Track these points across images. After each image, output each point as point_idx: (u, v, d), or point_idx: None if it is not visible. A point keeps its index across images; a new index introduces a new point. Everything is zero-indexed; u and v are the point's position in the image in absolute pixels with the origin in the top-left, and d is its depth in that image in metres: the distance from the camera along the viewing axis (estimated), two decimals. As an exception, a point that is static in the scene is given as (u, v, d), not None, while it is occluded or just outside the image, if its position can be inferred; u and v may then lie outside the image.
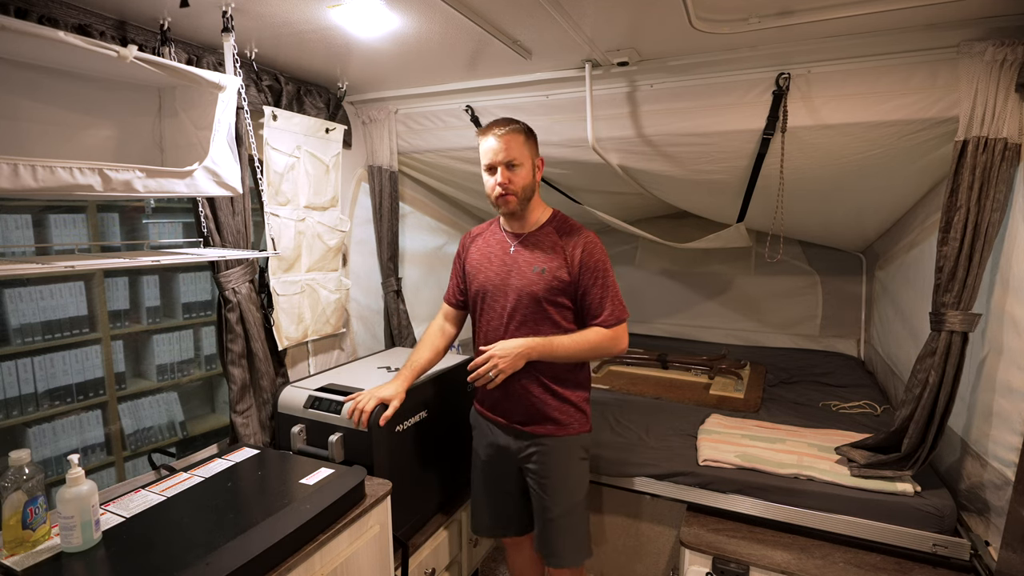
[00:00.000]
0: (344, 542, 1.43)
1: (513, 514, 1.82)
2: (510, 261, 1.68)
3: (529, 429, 1.69)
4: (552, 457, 1.68)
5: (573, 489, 1.70)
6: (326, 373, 2.08)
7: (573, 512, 1.70)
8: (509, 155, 1.58)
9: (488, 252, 1.74)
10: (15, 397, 2.04)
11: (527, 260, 1.66)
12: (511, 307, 1.65)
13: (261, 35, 1.71)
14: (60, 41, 1.16)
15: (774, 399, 2.72)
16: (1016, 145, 1.54)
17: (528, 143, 1.63)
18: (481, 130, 1.65)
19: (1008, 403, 1.54)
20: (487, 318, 1.72)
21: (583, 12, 1.53)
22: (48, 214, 2.08)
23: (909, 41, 1.62)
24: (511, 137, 1.58)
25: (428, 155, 2.57)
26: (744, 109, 1.88)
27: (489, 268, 1.71)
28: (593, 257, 1.62)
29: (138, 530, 1.26)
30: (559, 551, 1.70)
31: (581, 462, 1.72)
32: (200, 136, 1.56)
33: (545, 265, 1.63)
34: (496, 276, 1.69)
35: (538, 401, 1.67)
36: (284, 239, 2.01)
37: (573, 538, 1.70)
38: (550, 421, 1.67)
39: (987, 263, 1.59)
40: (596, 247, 1.64)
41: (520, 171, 1.60)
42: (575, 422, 1.69)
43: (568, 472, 1.70)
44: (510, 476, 1.77)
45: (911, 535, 1.69)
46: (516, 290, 1.64)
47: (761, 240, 3.26)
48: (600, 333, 1.62)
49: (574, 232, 1.66)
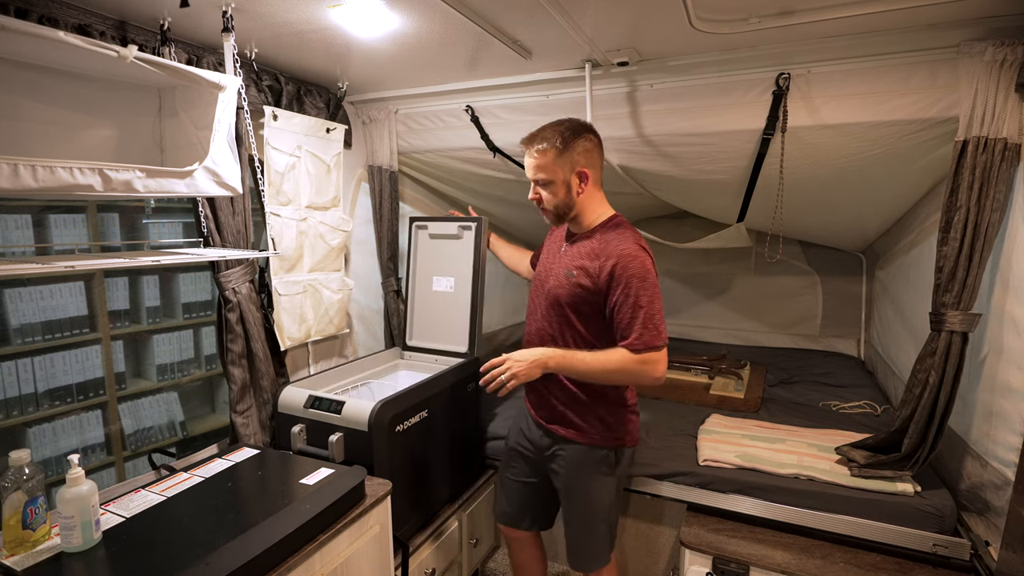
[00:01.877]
0: (344, 542, 1.43)
1: (530, 507, 1.85)
2: (558, 259, 1.70)
3: (552, 428, 1.70)
4: (567, 462, 1.69)
5: (586, 499, 1.69)
6: (326, 373, 2.09)
7: (586, 521, 1.70)
8: (538, 174, 1.60)
9: (551, 244, 1.79)
10: (15, 397, 2.04)
11: (567, 262, 1.65)
12: (542, 304, 1.69)
13: (261, 35, 1.71)
14: (60, 41, 1.16)
15: (774, 399, 2.72)
16: (1016, 145, 1.53)
17: (561, 158, 1.56)
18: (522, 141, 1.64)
19: (1008, 403, 1.54)
20: (530, 309, 1.77)
21: (583, 12, 1.53)
22: (48, 214, 2.08)
23: (909, 41, 1.62)
24: (541, 156, 1.58)
25: (428, 155, 2.57)
26: (744, 109, 1.88)
27: (546, 260, 1.76)
28: (627, 272, 1.49)
29: (138, 530, 1.26)
30: (575, 553, 1.74)
31: (602, 476, 1.67)
32: (200, 136, 1.56)
33: (576, 271, 1.60)
34: (544, 271, 1.73)
35: (559, 404, 1.67)
36: (286, 239, 2.01)
37: (588, 545, 1.71)
38: (571, 427, 1.67)
39: (987, 263, 1.58)
40: (633, 261, 1.50)
41: (551, 188, 1.60)
42: (597, 434, 1.65)
43: (582, 481, 1.68)
44: (534, 469, 1.80)
45: (911, 535, 1.69)
46: (548, 290, 1.67)
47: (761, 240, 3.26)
48: (625, 356, 1.49)
49: (612, 242, 1.56)
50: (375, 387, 2.17)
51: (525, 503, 1.86)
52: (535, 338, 1.71)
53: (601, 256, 1.55)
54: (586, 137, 1.58)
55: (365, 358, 2.32)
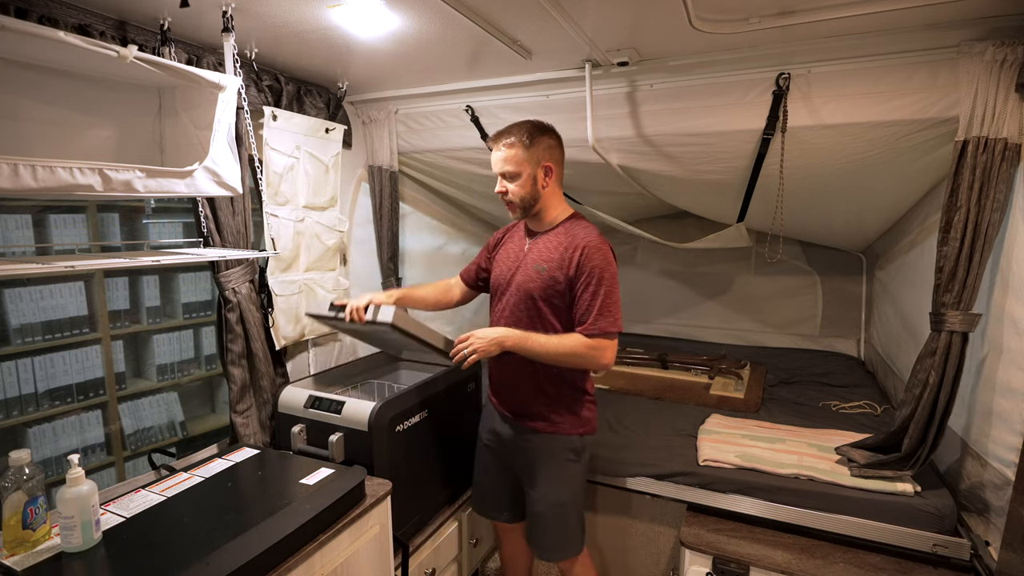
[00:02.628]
0: (344, 542, 1.43)
1: (507, 500, 1.89)
2: (522, 257, 1.74)
3: (519, 420, 1.75)
4: (537, 452, 1.73)
5: (557, 488, 1.73)
6: (326, 373, 2.09)
7: (555, 510, 1.74)
8: (505, 167, 1.66)
9: (510, 247, 1.83)
10: (15, 397, 2.04)
11: (534, 258, 1.70)
12: (511, 301, 1.72)
13: (261, 35, 1.71)
14: (60, 41, 1.16)
15: (774, 399, 2.72)
16: (1016, 145, 1.53)
17: (528, 153, 1.64)
18: (489, 139, 1.73)
19: (1008, 403, 1.54)
20: (495, 310, 1.80)
21: (583, 12, 1.53)
22: (48, 214, 2.08)
23: (909, 41, 1.62)
24: (509, 149, 1.65)
25: (428, 155, 2.57)
26: (744, 109, 1.88)
27: (505, 262, 1.79)
28: (591, 261, 1.60)
29: (138, 530, 1.26)
30: (542, 544, 1.77)
31: (569, 463, 1.73)
32: (200, 136, 1.56)
33: (546, 264, 1.66)
34: (508, 270, 1.76)
35: (528, 396, 1.73)
36: (282, 239, 2.01)
37: (555, 534, 1.74)
38: (538, 417, 1.72)
39: (987, 263, 1.59)
40: (597, 252, 1.61)
41: (517, 181, 1.66)
42: (565, 423, 1.72)
43: (553, 471, 1.73)
44: (506, 463, 1.84)
45: (911, 535, 1.69)
46: (517, 285, 1.71)
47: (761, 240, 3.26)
48: (579, 340, 1.59)
49: (579, 235, 1.66)
50: (375, 387, 2.17)
51: (500, 495, 1.90)
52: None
53: (569, 248, 1.64)
54: (550, 135, 1.69)
55: (365, 358, 2.32)
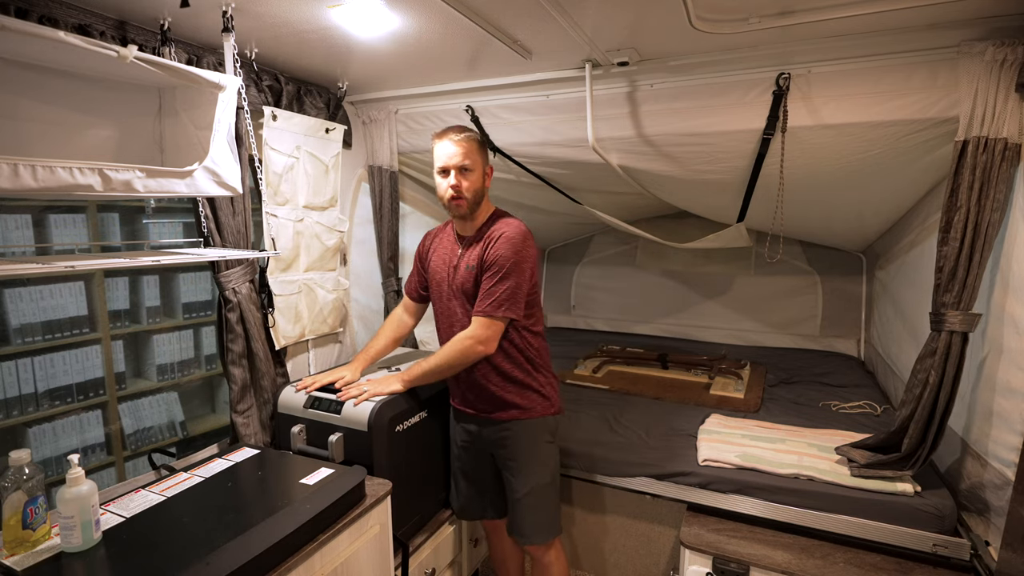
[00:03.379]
0: (344, 542, 1.43)
1: (489, 498, 1.93)
2: (457, 263, 1.79)
3: (495, 416, 1.78)
4: (518, 440, 1.77)
5: (538, 471, 1.78)
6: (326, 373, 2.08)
7: (539, 493, 1.78)
8: (464, 160, 1.67)
9: (443, 254, 1.85)
10: (15, 397, 2.04)
11: (464, 260, 1.76)
12: (454, 305, 1.79)
13: (261, 35, 1.71)
14: (60, 41, 1.16)
15: (774, 399, 2.72)
16: (1016, 145, 1.53)
17: (481, 151, 1.73)
18: (438, 134, 1.73)
19: (1008, 403, 1.54)
20: (440, 317, 1.87)
21: (583, 12, 1.53)
22: (48, 214, 2.08)
23: (909, 41, 1.62)
24: (468, 143, 1.68)
25: (428, 155, 2.54)
26: (744, 109, 1.88)
27: (442, 269, 1.83)
28: (497, 250, 1.66)
29: (138, 530, 1.26)
30: (525, 530, 1.79)
31: (547, 444, 1.81)
32: (200, 136, 1.56)
33: (474, 262, 1.72)
34: (447, 277, 1.81)
35: (497, 390, 1.76)
36: (282, 239, 2.01)
37: (539, 517, 1.78)
38: (513, 407, 1.77)
39: (987, 263, 1.59)
40: (507, 243, 1.66)
41: (472, 176, 1.69)
42: (537, 406, 1.78)
43: (533, 454, 1.78)
44: (483, 462, 1.88)
45: (911, 535, 1.69)
46: (456, 288, 1.77)
47: (761, 240, 3.27)
48: (451, 345, 1.71)
49: (496, 228, 1.71)
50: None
51: (482, 494, 1.93)
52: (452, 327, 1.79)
53: (489, 239, 1.71)
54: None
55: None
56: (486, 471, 1.89)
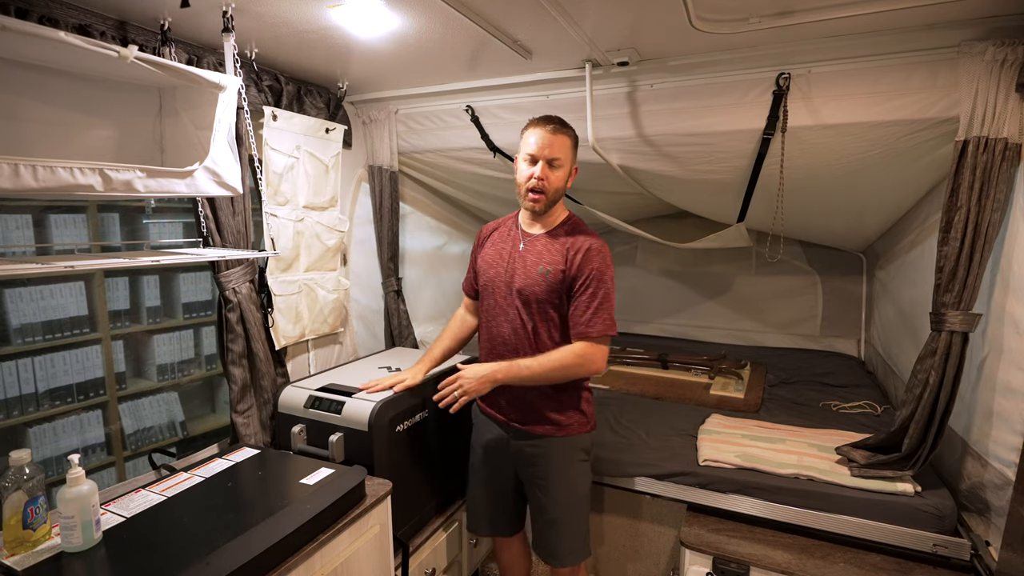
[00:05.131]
0: (344, 542, 1.43)
1: (508, 514, 1.85)
2: (518, 258, 1.68)
3: (528, 428, 1.69)
4: (551, 458, 1.68)
5: (572, 490, 1.70)
6: (326, 373, 2.08)
7: (572, 513, 1.70)
8: (554, 152, 1.57)
9: (500, 248, 1.74)
10: (15, 397, 2.04)
11: (534, 260, 1.65)
12: (508, 304, 1.67)
13: (261, 35, 1.71)
14: (61, 41, 1.16)
15: (774, 399, 2.72)
16: (1016, 145, 1.53)
17: (573, 149, 1.63)
18: (534, 120, 1.62)
19: (1008, 403, 1.54)
20: (489, 315, 1.73)
21: (583, 12, 1.53)
22: (48, 214, 2.08)
23: (909, 41, 1.62)
24: (563, 137, 1.59)
25: (428, 155, 2.57)
26: (744, 109, 1.88)
27: (498, 264, 1.71)
28: (591, 264, 1.59)
29: (138, 530, 1.26)
30: (558, 552, 1.71)
31: (581, 463, 1.71)
32: (200, 136, 1.56)
33: (550, 267, 1.62)
34: (504, 273, 1.69)
35: (535, 401, 1.66)
36: (282, 239, 2.01)
37: (572, 539, 1.71)
38: (549, 422, 1.67)
39: (987, 263, 1.59)
40: (598, 254, 1.60)
41: (558, 172, 1.60)
42: (575, 423, 1.69)
43: (568, 473, 1.69)
44: (506, 475, 1.79)
45: (911, 535, 1.69)
46: (518, 289, 1.65)
47: (761, 240, 3.26)
48: (566, 352, 1.58)
49: (580, 237, 1.64)
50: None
51: (503, 510, 1.84)
52: (509, 338, 1.67)
53: (572, 249, 1.62)
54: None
55: (365, 358, 2.32)
56: (507, 485, 1.79)
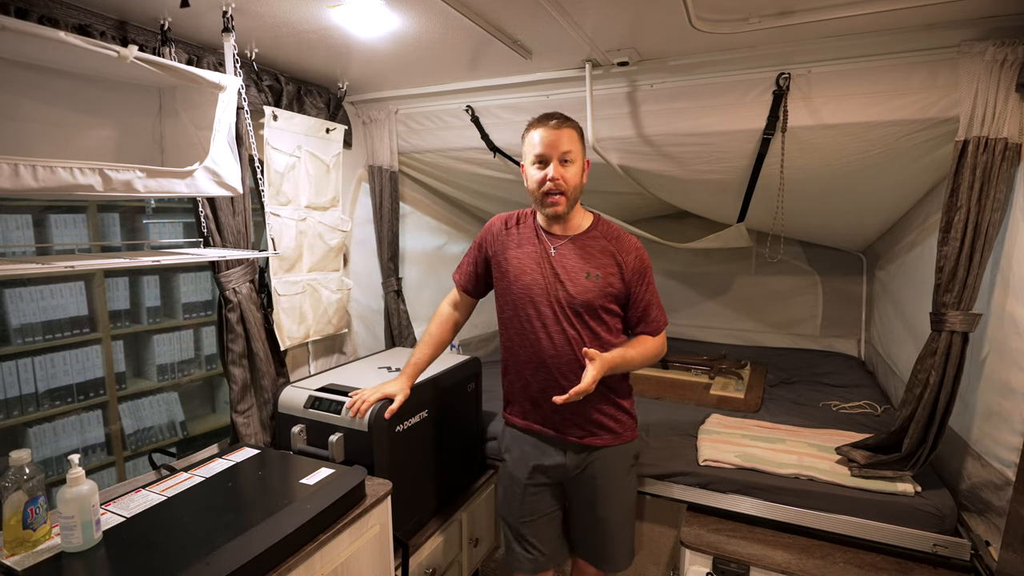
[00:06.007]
0: (344, 542, 1.43)
1: (553, 543, 1.73)
2: (556, 264, 1.57)
3: (587, 441, 1.61)
4: (607, 469, 1.63)
5: (628, 497, 1.70)
6: (326, 373, 2.08)
7: (626, 519, 1.71)
8: (564, 146, 1.47)
9: (529, 251, 1.61)
10: (15, 397, 2.04)
11: (576, 265, 1.56)
12: (557, 316, 1.56)
13: (261, 35, 1.71)
14: (61, 41, 1.16)
15: (774, 399, 2.72)
16: (1016, 145, 1.53)
17: (581, 141, 1.53)
18: (533, 121, 1.52)
19: (1008, 403, 1.54)
20: (521, 327, 1.60)
21: (583, 12, 1.53)
22: (48, 214, 2.08)
23: (909, 41, 1.62)
24: (568, 130, 1.49)
25: (428, 155, 2.57)
26: (744, 109, 1.88)
27: (534, 271, 1.58)
28: (643, 263, 1.61)
29: (138, 530, 1.26)
30: (614, 557, 1.70)
31: (633, 470, 1.71)
32: (200, 136, 1.56)
33: (599, 271, 1.55)
34: (542, 279, 1.57)
35: (596, 411, 1.60)
36: (285, 239, 2.01)
37: (625, 544, 1.71)
38: (606, 431, 1.62)
39: (987, 263, 1.58)
40: (645, 254, 1.63)
41: (573, 168, 1.49)
42: (627, 430, 1.67)
43: (624, 481, 1.68)
44: (555, 496, 1.70)
45: (911, 535, 1.69)
46: (567, 297, 1.54)
47: (761, 240, 3.26)
48: (652, 341, 1.63)
49: (623, 237, 1.61)
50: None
51: (547, 543, 1.71)
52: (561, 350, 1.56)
53: (620, 251, 1.58)
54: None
55: (365, 358, 2.32)
56: (555, 508, 1.70)
